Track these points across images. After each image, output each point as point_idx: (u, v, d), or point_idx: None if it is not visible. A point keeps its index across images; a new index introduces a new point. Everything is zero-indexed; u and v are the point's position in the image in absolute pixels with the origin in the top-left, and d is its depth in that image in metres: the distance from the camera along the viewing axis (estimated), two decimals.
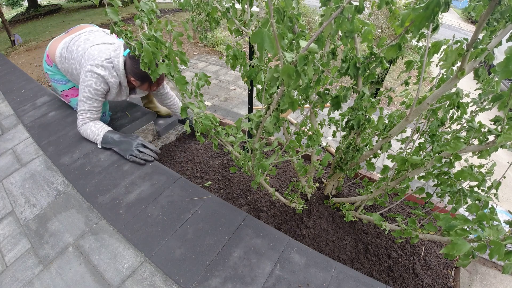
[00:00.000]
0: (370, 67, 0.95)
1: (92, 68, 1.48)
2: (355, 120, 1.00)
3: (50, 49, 1.78)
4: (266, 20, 0.49)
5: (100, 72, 1.48)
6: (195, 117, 0.90)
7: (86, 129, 1.62)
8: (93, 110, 1.59)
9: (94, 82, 1.49)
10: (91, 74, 1.48)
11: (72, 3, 11.64)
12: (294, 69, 0.53)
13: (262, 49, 0.50)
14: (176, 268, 1.06)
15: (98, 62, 1.48)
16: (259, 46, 0.50)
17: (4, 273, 1.11)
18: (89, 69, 1.48)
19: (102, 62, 1.49)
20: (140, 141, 1.59)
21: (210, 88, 3.41)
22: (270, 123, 0.77)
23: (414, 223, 1.02)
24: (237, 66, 0.99)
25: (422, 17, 0.50)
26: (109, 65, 1.50)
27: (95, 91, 1.52)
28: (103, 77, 1.49)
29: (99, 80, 1.50)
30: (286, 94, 0.64)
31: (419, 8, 0.49)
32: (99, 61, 1.48)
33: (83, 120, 1.60)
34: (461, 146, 0.73)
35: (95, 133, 1.61)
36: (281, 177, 1.80)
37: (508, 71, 0.51)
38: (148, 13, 0.73)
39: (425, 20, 0.49)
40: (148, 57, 0.74)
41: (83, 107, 1.57)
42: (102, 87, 1.52)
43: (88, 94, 1.52)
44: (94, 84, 1.50)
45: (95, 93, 1.52)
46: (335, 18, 0.58)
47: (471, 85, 4.00)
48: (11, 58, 4.95)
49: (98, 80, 1.50)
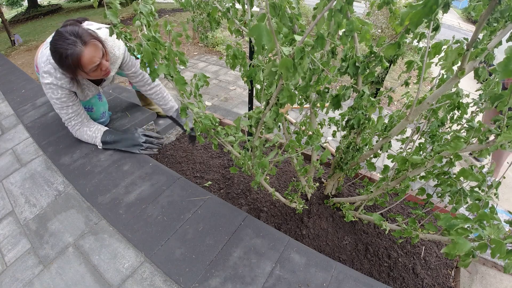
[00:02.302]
0: (370, 66, 0.95)
1: (41, 80, 1.39)
2: (355, 119, 1.00)
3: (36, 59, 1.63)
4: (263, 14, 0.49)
5: (47, 80, 1.37)
6: (195, 116, 0.90)
7: (83, 134, 1.61)
8: (74, 115, 1.53)
9: (52, 93, 1.41)
10: (44, 85, 1.40)
11: (72, 3, 11.66)
12: (292, 62, 0.54)
13: (260, 43, 0.50)
14: (176, 268, 1.06)
15: (42, 70, 1.38)
16: (257, 40, 0.50)
17: (4, 273, 1.11)
18: (42, 83, 1.40)
19: (45, 67, 1.38)
20: (141, 132, 1.59)
21: (210, 88, 3.41)
22: (270, 118, 0.77)
23: (414, 223, 1.02)
24: (237, 66, 0.99)
25: (420, 14, 0.50)
26: (49, 66, 1.37)
27: (59, 100, 1.44)
28: (52, 83, 1.38)
29: (52, 89, 1.40)
30: (284, 88, 0.65)
31: (417, 5, 0.49)
32: (43, 69, 1.38)
33: (73, 128, 1.58)
34: (461, 145, 0.73)
35: (92, 136, 1.60)
36: (281, 177, 1.80)
37: (508, 70, 0.51)
38: (147, 15, 0.73)
39: (423, 18, 0.49)
40: (148, 58, 0.74)
41: (63, 117, 1.53)
42: (60, 93, 1.42)
43: (57, 105, 1.47)
44: (52, 94, 1.42)
45: (61, 102, 1.45)
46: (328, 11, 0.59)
47: (472, 85, 4.00)
48: (11, 58, 4.95)
49: (52, 89, 1.40)
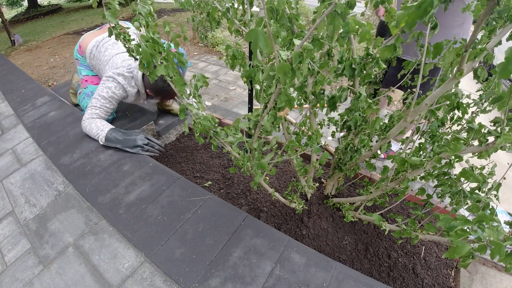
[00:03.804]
0: (367, 68, 0.94)
1: (113, 75, 1.60)
2: (352, 121, 1.00)
3: (83, 42, 1.90)
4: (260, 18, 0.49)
5: (120, 81, 1.60)
6: (194, 117, 0.90)
7: (91, 123, 1.64)
8: (104, 110, 1.65)
9: (114, 87, 1.60)
10: (113, 79, 1.60)
11: (72, 3, 11.65)
12: (289, 67, 0.53)
13: (257, 47, 0.50)
14: (176, 268, 1.06)
15: (120, 71, 1.60)
16: (254, 44, 0.50)
17: (4, 273, 1.12)
18: (111, 75, 1.60)
19: (123, 71, 1.60)
20: (144, 135, 1.64)
21: (210, 88, 3.41)
22: (268, 121, 0.77)
23: (414, 224, 1.02)
24: (237, 66, 0.99)
25: (414, 15, 0.50)
26: (129, 75, 1.61)
27: (112, 94, 1.61)
28: (123, 86, 1.61)
29: (119, 86, 1.61)
30: (282, 92, 0.65)
31: (411, 6, 0.49)
32: (121, 71, 1.60)
33: (91, 115, 1.64)
34: (461, 147, 0.73)
35: (99, 128, 1.63)
36: (281, 177, 1.80)
37: (507, 71, 0.51)
38: (146, 16, 0.73)
39: (417, 19, 0.49)
40: (147, 59, 0.74)
41: (96, 104, 1.62)
42: (120, 93, 1.63)
43: (105, 94, 1.60)
44: (114, 88, 1.60)
45: (112, 96, 1.62)
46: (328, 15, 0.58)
47: (472, 85, 3.99)
48: (11, 58, 4.95)
49: (118, 86, 1.61)
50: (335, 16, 0.57)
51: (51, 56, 4.89)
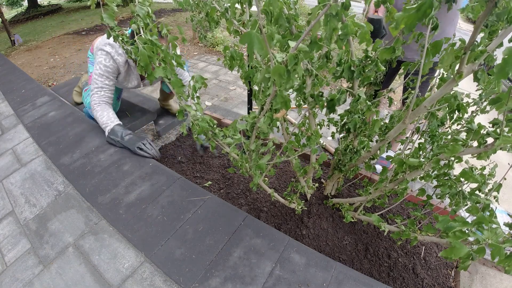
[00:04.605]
0: (366, 70, 0.94)
1: (101, 47, 1.61)
2: (351, 123, 1.00)
3: (95, 41, 1.92)
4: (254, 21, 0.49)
5: (107, 49, 1.59)
6: (192, 119, 0.90)
7: (103, 110, 1.66)
8: (106, 88, 1.66)
9: (104, 59, 1.61)
10: (101, 52, 1.60)
11: (72, 3, 11.63)
12: (285, 69, 0.53)
13: (252, 50, 0.50)
14: (176, 268, 1.06)
15: (106, 41, 1.60)
16: (249, 47, 0.50)
17: (4, 273, 1.12)
18: (99, 48, 1.61)
19: (109, 41, 1.59)
20: (147, 141, 1.65)
21: (210, 88, 3.41)
22: (264, 123, 0.77)
23: (413, 225, 1.02)
24: (235, 67, 0.99)
25: (413, 18, 0.50)
26: (116, 44, 1.59)
27: (105, 67, 1.61)
28: (110, 53, 1.60)
29: (108, 57, 1.61)
30: (278, 94, 0.64)
31: (411, 8, 0.49)
32: (107, 41, 1.59)
33: (100, 98, 1.66)
34: (459, 149, 0.73)
35: (111, 119, 1.65)
36: (281, 178, 1.80)
37: (504, 72, 0.50)
38: (144, 17, 0.73)
39: (417, 21, 0.49)
40: (144, 61, 0.74)
41: (97, 84, 1.64)
42: (111, 64, 1.62)
43: (99, 71, 1.62)
44: (103, 60, 1.61)
45: (105, 70, 1.62)
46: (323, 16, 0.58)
47: (472, 85, 3.98)
48: (11, 58, 4.95)
49: (107, 57, 1.61)
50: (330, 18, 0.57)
51: (51, 56, 4.89)
